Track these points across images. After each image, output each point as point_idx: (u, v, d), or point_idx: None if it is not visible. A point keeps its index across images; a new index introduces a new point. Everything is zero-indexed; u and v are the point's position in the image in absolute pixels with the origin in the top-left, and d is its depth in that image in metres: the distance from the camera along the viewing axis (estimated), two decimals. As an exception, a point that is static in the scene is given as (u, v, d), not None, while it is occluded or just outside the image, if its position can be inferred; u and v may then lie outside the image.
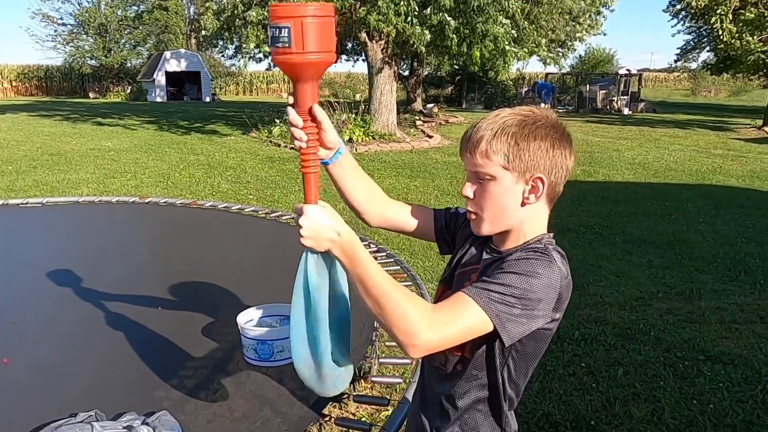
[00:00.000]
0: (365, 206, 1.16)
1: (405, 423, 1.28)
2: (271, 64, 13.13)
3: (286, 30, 0.87)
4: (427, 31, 9.41)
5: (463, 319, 0.88)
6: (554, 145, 0.96)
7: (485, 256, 1.05)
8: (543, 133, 0.96)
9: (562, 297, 0.95)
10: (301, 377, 1.06)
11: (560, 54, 12.97)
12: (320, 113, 0.97)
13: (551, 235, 1.03)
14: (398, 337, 0.86)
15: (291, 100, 0.96)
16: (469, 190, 1.00)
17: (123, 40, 30.17)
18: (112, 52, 29.56)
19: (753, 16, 13.13)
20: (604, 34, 29.63)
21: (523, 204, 0.98)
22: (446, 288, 1.11)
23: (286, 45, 0.88)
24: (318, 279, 0.99)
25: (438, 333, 0.87)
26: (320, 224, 0.90)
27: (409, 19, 9.24)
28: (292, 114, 0.95)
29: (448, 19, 9.31)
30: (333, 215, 0.92)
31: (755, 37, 13.53)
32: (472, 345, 0.98)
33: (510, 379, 1.02)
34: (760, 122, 15.72)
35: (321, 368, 1.04)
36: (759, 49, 13.59)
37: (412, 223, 1.20)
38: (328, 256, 0.97)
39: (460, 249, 1.13)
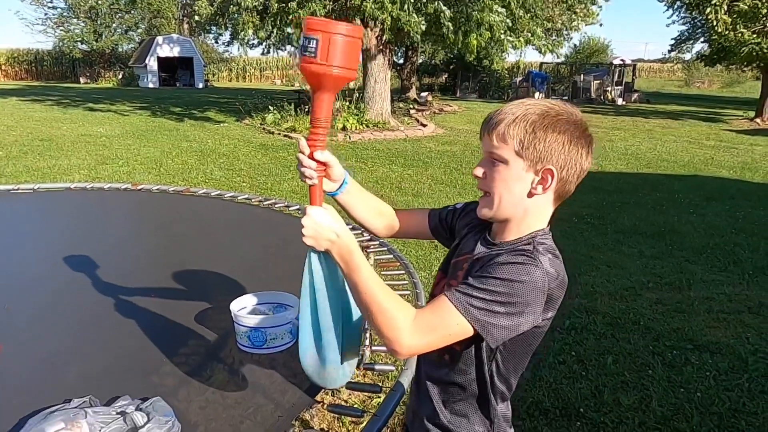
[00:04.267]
0: (371, 222, 1.24)
1: (398, 410, 1.30)
2: (266, 50, 13.04)
3: (315, 41, 0.95)
4: (422, 19, 9.35)
5: (443, 326, 0.92)
6: (571, 141, 0.96)
7: (479, 248, 1.06)
8: (563, 127, 0.96)
9: (554, 296, 0.95)
10: (305, 372, 1.11)
11: (556, 43, 12.91)
12: (328, 155, 1.06)
13: (547, 229, 1.03)
14: (383, 341, 0.93)
15: (303, 142, 1.05)
16: (479, 169, 1.02)
17: (114, 25, 29.78)
18: (103, 36, 29.20)
19: (747, 7, 13.12)
20: (600, 25, 29.57)
21: (530, 194, 0.99)
22: (443, 275, 1.14)
23: (313, 55, 0.96)
24: (321, 277, 1.03)
25: (419, 340, 0.92)
26: (320, 225, 0.97)
27: (406, 6, 9.16)
28: (302, 143, 1.04)
29: (443, 7, 9.25)
30: (335, 217, 0.98)
31: (749, 29, 13.54)
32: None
33: (499, 373, 1.03)
34: (752, 114, 15.79)
35: (325, 365, 1.08)
36: (752, 41, 13.60)
37: (412, 228, 1.28)
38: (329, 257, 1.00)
39: (458, 237, 1.16)
